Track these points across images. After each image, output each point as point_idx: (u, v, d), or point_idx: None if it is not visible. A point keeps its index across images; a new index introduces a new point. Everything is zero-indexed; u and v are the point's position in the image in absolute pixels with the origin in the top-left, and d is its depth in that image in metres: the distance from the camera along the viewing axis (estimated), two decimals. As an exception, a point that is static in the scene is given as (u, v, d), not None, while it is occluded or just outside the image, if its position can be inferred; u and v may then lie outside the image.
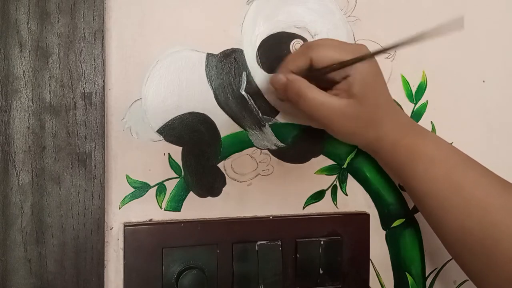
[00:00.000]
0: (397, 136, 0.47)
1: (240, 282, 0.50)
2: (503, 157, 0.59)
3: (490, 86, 0.59)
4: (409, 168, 0.47)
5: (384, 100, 0.47)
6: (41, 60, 0.43)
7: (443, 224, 0.46)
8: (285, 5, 0.51)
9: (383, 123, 0.46)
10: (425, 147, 0.47)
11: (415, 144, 0.47)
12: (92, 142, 0.45)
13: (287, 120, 0.52)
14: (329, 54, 0.44)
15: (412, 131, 0.48)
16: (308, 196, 0.53)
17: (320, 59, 0.44)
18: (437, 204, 0.46)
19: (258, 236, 0.51)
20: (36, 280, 0.44)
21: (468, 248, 0.45)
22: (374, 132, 0.47)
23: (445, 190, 0.45)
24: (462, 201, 0.45)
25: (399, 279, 0.57)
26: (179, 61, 0.49)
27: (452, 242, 0.46)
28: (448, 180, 0.45)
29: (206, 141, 0.50)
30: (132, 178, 0.48)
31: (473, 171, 0.46)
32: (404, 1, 0.55)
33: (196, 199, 0.50)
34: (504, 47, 0.59)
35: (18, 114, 0.43)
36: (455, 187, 0.45)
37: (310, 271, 0.52)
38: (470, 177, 0.46)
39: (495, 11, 0.59)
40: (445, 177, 0.46)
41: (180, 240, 0.48)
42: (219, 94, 0.50)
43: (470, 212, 0.44)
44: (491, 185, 0.45)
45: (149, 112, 0.48)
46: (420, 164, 0.46)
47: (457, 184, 0.45)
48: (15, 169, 0.43)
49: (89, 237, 0.45)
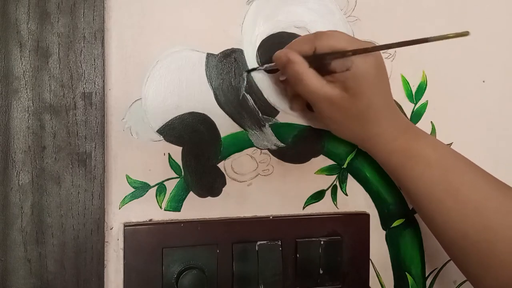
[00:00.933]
0: (392, 136, 0.47)
1: (240, 282, 0.50)
2: (503, 157, 0.59)
3: (490, 86, 0.59)
4: (405, 170, 0.47)
5: (382, 100, 0.46)
6: (41, 60, 0.43)
7: (439, 226, 0.46)
8: (285, 5, 0.51)
9: (378, 122, 0.46)
10: (422, 148, 0.47)
11: (411, 145, 0.47)
12: (92, 142, 0.45)
13: (287, 120, 0.52)
14: (334, 45, 0.44)
15: (408, 132, 0.48)
16: (308, 196, 0.53)
17: (324, 48, 0.44)
18: (433, 207, 0.46)
19: (258, 236, 0.51)
20: (36, 280, 0.44)
21: (464, 250, 0.45)
22: (368, 130, 0.47)
23: (441, 193, 0.45)
24: (458, 204, 0.45)
25: (399, 279, 0.57)
26: (179, 61, 0.49)
27: (449, 244, 0.46)
28: (444, 182, 0.45)
29: (206, 141, 0.50)
30: (132, 178, 0.48)
31: (469, 174, 0.46)
32: (404, 1, 0.55)
33: (196, 199, 0.50)
34: (504, 47, 0.59)
35: (18, 114, 0.43)
36: (451, 189, 0.45)
37: (310, 271, 0.52)
38: (467, 179, 0.45)
39: (495, 11, 0.59)
40: (441, 179, 0.45)
41: (180, 240, 0.48)
42: (219, 94, 0.50)
43: (466, 215, 0.44)
44: (487, 188, 0.45)
45: (149, 112, 0.48)
46: (416, 166, 0.46)
47: (453, 186, 0.45)
48: (15, 169, 0.43)
49: (89, 237, 0.45)
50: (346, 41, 0.44)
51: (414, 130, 0.49)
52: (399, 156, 0.47)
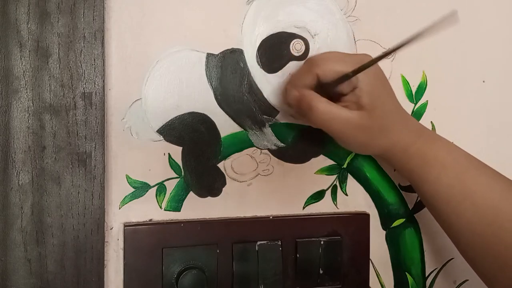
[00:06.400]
0: (408, 142, 0.47)
1: (240, 282, 0.50)
2: (503, 157, 0.59)
3: (490, 86, 0.59)
4: (421, 174, 0.47)
5: (392, 107, 0.47)
6: (41, 60, 0.43)
7: (455, 228, 0.46)
8: (285, 5, 0.51)
9: (393, 130, 0.46)
10: (436, 152, 0.47)
11: (426, 149, 0.47)
12: (92, 142, 0.45)
13: (287, 120, 0.52)
14: (335, 68, 0.44)
15: (422, 136, 0.48)
16: (308, 196, 0.53)
17: (326, 73, 0.44)
18: (448, 209, 0.46)
19: (258, 236, 0.51)
20: (36, 280, 0.44)
21: (479, 251, 0.45)
22: (385, 140, 0.46)
23: (456, 195, 0.45)
24: (473, 206, 0.45)
25: (399, 279, 0.57)
26: (179, 61, 0.49)
27: (465, 245, 0.47)
28: (459, 185, 0.45)
29: (206, 141, 0.50)
30: (132, 178, 0.48)
31: (484, 176, 0.46)
32: (404, 1, 0.55)
33: (196, 199, 0.50)
34: (504, 47, 0.59)
35: (18, 114, 0.43)
36: (467, 192, 0.45)
37: (310, 271, 0.52)
38: (482, 181, 0.46)
39: (495, 11, 0.59)
40: (456, 182, 0.46)
41: (180, 240, 0.48)
42: (219, 94, 0.50)
43: (481, 217, 0.44)
44: (502, 190, 0.45)
45: (149, 112, 0.48)
46: (431, 170, 0.46)
47: (468, 189, 0.45)
48: (15, 169, 0.43)
49: (89, 237, 0.45)
50: (344, 61, 0.44)
51: (427, 133, 0.49)
52: (417, 161, 0.47)
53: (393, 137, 0.46)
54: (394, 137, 0.46)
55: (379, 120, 0.45)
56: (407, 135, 0.47)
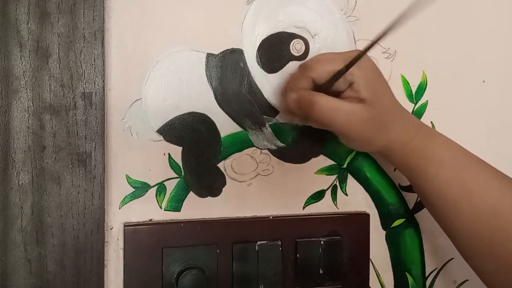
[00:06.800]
0: (406, 138, 0.46)
1: (240, 282, 0.50)
2: (503, 157, 0.59)
3: (490, 86, 0.59)
4: (419, 170, 0.47)
5: (390, 102, 0.46)
6: (41, 60, 0.43)
7: (453, 226, 0.46)
8: (285, 5, 0.51)
9: (392, 126, 0.46)
10: (435, 149, 0.46)
11: (425, 146, 0.47)
12: (92, 142, 0.45)
13: (287, 120, 0.52)
14: (327, 68, 0.44)
15: (422, 131, 0.47)
16: (308, 196, 0.53)
17: (320, 75, 0.44)
18: (447, 207, 0.46)
19: (258, 236, 0.51)
20: (36, 280, 0.44)
21: (477, 250, 0.45)
22: (386, 136, 0.46)
23: (455, 193, 0.45)
24: (472, 204, 0.44)
25: (399, 279, 0.57)
26: (179, 61, 0.49)
27: (463, 244, 0.46)
28: (458, 183, 0.45)
29: (206, 141, 0.50)
30: (132, 178, 0.48)
31: (483, 173, 0.46)
32: (404, 1, 0.55)
33: (196, 199, 0.50)
34: (504, 47, 0.59)
35: (18, 114, 0.43)
36: (466, 190, 0.45)
37: (310, 271, 0.52)
38: (480, 179, 0.45)
39: (495, 11, 0.59)
40: (455, 179, 0.45)
41: (180, 240, 0.48)
42: (219, 94, 0.50)
43: (480, 214, 0.44)
44: (500, 188, 0.45)
45: (149, 112, 0.48)
46: (429, 167, 0.46)
47: (467, 186, 0.45)
48: (15, 169, 0.43)
49: (89, 237, 0.45)
50: (336, 60, 0.44)
51: (426, 129, 0.49)
52: (416, 157, 0.47)
53: (393, 132, 0.46)
54: (394, 132, 0.46)
55: (379, 114, 0.45)
56: (405, 131, 0.47)
